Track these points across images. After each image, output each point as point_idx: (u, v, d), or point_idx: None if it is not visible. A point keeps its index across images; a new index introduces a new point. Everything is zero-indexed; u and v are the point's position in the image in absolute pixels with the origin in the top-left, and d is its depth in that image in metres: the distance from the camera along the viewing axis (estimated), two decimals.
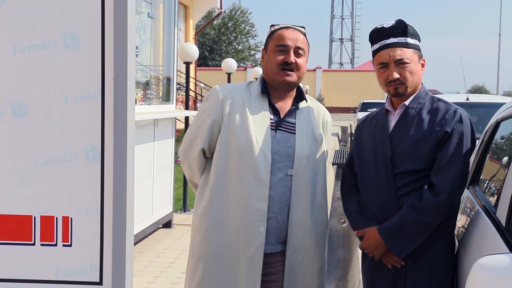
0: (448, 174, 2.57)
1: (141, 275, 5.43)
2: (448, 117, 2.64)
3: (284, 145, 2.68)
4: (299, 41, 2.70)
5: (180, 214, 8.21)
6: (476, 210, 2.83)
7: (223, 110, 2.68)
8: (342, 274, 6.09)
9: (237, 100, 2.69)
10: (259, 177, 2.61)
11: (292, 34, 2.70)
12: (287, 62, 2.67)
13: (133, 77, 1.82)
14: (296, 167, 2.67)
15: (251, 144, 2.62)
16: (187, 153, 2.77)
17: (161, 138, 6.83)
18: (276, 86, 2.73)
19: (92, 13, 1.78)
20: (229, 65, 12.02)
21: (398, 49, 2.69)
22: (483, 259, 1.82)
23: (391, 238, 2.62)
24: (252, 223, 2.62)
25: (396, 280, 2.66)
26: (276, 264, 2.70)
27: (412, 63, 2.70)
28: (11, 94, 1.80)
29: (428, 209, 2.56)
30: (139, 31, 7.17)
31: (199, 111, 2.81)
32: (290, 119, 2.73)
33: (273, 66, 2.69)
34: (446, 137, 2.61)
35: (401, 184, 2.65)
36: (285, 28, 2.73)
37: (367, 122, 2.89)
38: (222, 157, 2.66)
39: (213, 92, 2.76)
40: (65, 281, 1.82)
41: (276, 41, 2.70)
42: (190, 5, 20.78)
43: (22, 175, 1.81)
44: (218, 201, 2.66)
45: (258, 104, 2.70)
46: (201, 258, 2.69)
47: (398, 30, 2.71)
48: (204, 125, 2.70)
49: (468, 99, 7.72)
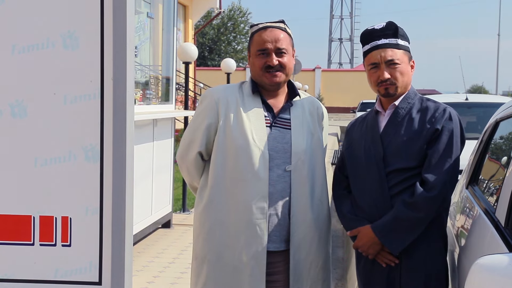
0: (439, 170, 2.61)
1: (140, 275, 5.43)
2: (438, 115, 2.69)
3: (280, 142, 2.69)
4: (279, 41, 2.69)
5: (179, 214, 8.21)
6: (475, 210, 2.83)
7: (218, 112, 2.69)
8: (341, 274, 6.09)
9: (231, 101, 2.70)
10: (257, 175, 2.62)
11: (270, 35, 2.69)
12: (269, 65, 2.68)
13: (132, 77, 1.82)
14: (294, 162, 2.68)
15: (248, 143, 2.63)
16: (185, 157, 2.77)
17: (160, 138, 6.83)
18: (265, 87, 2.74)
19: (91, 13, 1.78)
20: (228, 65, 12.03)
21: (389, 50, 2.72)
22: (482, 259, 1.82)
23: (385, 235, 2.64)
24: (253, 221, 2.62)
25: (391, 279, 2.68)
26: (278, 264, 2.70)
27: (403, 64, 2.73)
28: (10, 94, 1.80)
29: (420, 205, 2.59)
30: (138, 31, 7.17)
31: (194, 114, 2.82)
32: (284, 115, 2.74)
33: (257, 70, 2.71)
34: (437, 134, 2.65)
35: (394, 182, 2.67)
36: (263, 29, 2.72)
37: (357, 125, 2.93)
38: (220, 158, 2.66)
39: (207, 95, 2.77)
40: (64, 281, 1.82)
41: (256, 45, 2.71)
42: (189, 5, 20.79)
43: (21, 175, 1.81)
44: (217, 202, 2.67)
45: (251, 102, 2.72)
46: (204, 260, 2.69)
47: (389, 31, 2.75)
48: (200, 128, 2.71)
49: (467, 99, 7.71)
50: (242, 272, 2.64)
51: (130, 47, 1.78)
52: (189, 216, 8.05)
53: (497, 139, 3.34)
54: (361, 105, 29.43)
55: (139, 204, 6.07)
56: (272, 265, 2.67)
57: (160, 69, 7.87)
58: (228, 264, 2.65)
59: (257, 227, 2.62)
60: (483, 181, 3.29)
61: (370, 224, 2.69)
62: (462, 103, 7.75)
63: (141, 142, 6.20)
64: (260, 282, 2.64)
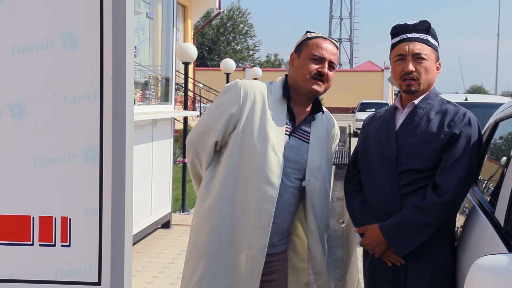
0: (453, 175, 2.57)
1: (140, 275, 5.43)
2: (457, 119, 2.64)
3: (295, 152, 2.68)
4: (334, 55, 2.71)
5: (179, 215, 8.20)
6: (474, 210, 2.83)
7: (242, 106, 2.64)
8: (340, 274, 6.09)
9: (258, 99, 2.66)
10: (270, 180, 2.60)
11: (329, 46, 2.70)
12: (321, 73, 2.67)
13: (132, 77, 1.82)
14: (308, 178, 2.68)
15: (266, 147, 2.60)
16: (197, 142, 2.72)
17: (159, 138, 6.83)
18: (301, 93, 2.72)
19: (90, 13, 1.78)
20: (228, 65, 12.02)
21: (418, 43, 2.70)
22: (482, 259, 1.82)
23: (393, 236, 2.62)
24: (258, 224, 2.61)
25: (396, 279, 2.67)
26: (274, 263, 2.70)
27: (429, 60, 2.70)
28: (10, 95, 1.80)
29: (430, 209, 2.56)
30: (138, 31, 7.16)
31: (216, 102, 2.75)
32: (305, 128, 2.73)
33: (305, 73, 2.67)
34: (454, 139, 2.61)
35: (405, 182, 2.65)
36: (323, 38, 2.73)
37: (374, 120, 2.90)
38: (235, 154, 2.63)
39: (234, 86, 2.70)
40: (64, 282, 1.82)
41: (313, 49, 2.68)
42: (188, 5, 20.78)
43: (21, 175, 1.81)
44: (226, 199, 2.63)
45: (277, 106, 2.69)
46: (203, 255, 2.66)
47: (421, 27, 2.73)
48: (221, 118, 2.66)
49: (467, 99, 7.70)
50: (239, 272, 2.63)
51: (130, 47, 1.78)
52: (189, 216, 8.05)
53: (497, 139, 3.34)
54: (360, 105, 29.40)
55: (138, 205, 6.07)
56: (269, 264, 2.68)
57: (160, 69, 7.86)
58: (226, 262, 2.64)
59: (261, 231, 2.61)
60: (483, 181, 3.30)
61: (379, 224, 2.67)
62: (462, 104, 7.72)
63: (140, 143, 6.20)
64: (254, 284, 2.64)
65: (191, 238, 2.76)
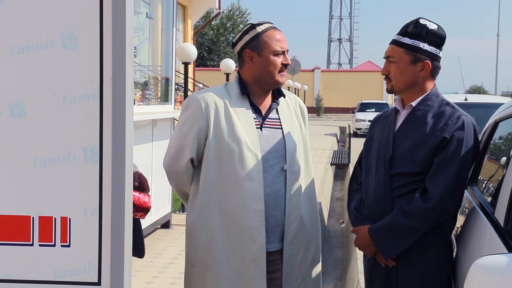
0: (441, 181, 2.54)
1: (140, 275, 5.43)
2: (450, 122, 2.60)
3: (271, 142, 2.69)
4: (285, 41, 2.74)
5: (179, 215, 8.20)
6: (474, 210, 2.83)
7: (207, 117, 2.64)
8: (340, 274, 6.09)
9: (219, 104, 2.66)
10: (252, 177, 2.61)
11: (282, 36, 2.73)
12: (286, 65, 2.71)
13: (132, 77, 1.82)
14: (289, 161, 2.69)
15: (241, 148, 2.61)
16: (175, 165, 2.72)
17: (159, 138, 6.83)
18: (265, 87, 2.74)
19: (90, 13, 1.78)
20: (228, 65, 12.00)
21: (391, 45, 2.73)
22: (482, 259, 1.82)
23: (379, 239, 2.63)
24: (251, 224, 2.61)
25: (389, 279, 2.69)
26: (276, 262, 2.70)
27: (400, 62, 2.68)
28: (9, 94, 1.80)
29: (416, 214, 2.55)
30: (138, 31, 7.16)
31: (180, 120, 2.73)
32: (273, 115, 2.75)
33: (273, 70, 2.68)
34: (444, 143, 2.58)
35: (397, 185, 2.65)
36: (273, 28, 2.72)
37: (380, 120, 2.90)
38: (212, 163, 2.63)
39: (193, 101, 2.70)
40: (64, 282, 1.82)
41: (273, 45, 2.68)
42: (188, 6, 20.77)
43: (21, 175, 1.81)
44: (211, 208, 2.64)
45: (240, 105, 2.70)
46: (206, 268, 2.66)
47: (404, 28, 2.72)
48: (190, 133, 2.66)
49: (467, 99, 7.70)
50: (243, 275, 2.64)
51: (129, 47, 1.78)
52: None
53: (496, 139, 3.34)
54: (360, 106, 29.39)
55: None
56: (271, 263, 2.68)
57: (160, 69, 7.86)
58: (229, 270, 2.64)
59: (255, 230, 2.62)
60: (482, 181, 3.30)
61: (368, 226, 2.68)
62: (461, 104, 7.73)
63: (140, 143, 6.20)
64: (261, 284, 2.64)
65: (188, 254, 2.76)
